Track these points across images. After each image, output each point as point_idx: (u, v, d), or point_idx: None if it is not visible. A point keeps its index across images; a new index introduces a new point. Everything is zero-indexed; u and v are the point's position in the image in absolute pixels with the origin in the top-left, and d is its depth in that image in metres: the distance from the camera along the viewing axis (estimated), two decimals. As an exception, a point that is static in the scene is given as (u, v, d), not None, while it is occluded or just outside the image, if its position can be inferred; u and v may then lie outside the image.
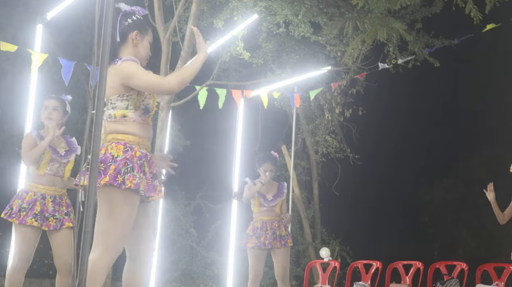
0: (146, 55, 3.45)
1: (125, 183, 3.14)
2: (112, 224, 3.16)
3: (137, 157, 3.22)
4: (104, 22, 2.88)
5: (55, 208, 4.67)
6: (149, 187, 3.23)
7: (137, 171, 3.18)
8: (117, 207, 3.17)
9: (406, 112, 16.64)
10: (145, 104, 3.30)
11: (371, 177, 16.36)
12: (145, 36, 3.44)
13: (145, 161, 3.25)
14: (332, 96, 12.59)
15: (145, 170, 3.23)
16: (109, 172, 3.15)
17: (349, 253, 14.16)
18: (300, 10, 10.44)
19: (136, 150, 3.23)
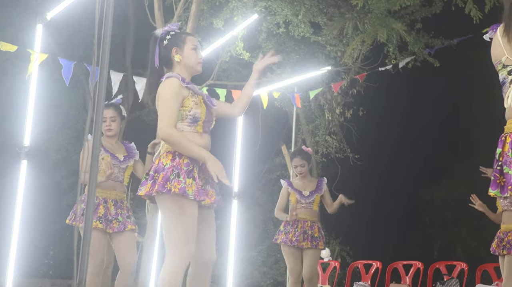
0: (194, 61, 3.53)
1: (171, 189, 3.26)
2: (174, 230, 3.29)
3: (185, 163, 3.32)
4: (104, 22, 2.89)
5: (117, 211, 4.79)
6: (199, 191, 3.32)
7: (183, 176, 3.29)
8: (172, 213, 3.31)
9: (406, 112, 16.65)
10: (192, 114, 3.41)
11: (371, 177, 16.36)
12: (184, 46, 3.51)
13: (196, 166, 3.35)
14: (332, 96, 12.59)
15: (195, 175, 3.33)
16: (158, 180, 3.31)
17: (349, 253, 14.17)
18: (300, 10, 10.44)
19: (184, 157, 3.34)
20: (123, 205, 4.86)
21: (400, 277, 8.45)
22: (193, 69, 3.55)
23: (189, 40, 3.55)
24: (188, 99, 3.42)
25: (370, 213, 16.55)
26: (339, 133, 13.90)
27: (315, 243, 5.84)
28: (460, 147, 16.66)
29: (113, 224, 4.75)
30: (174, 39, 3.53)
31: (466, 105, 16.19)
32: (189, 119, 3.41)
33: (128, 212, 4.86)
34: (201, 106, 3.45)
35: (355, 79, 10.34)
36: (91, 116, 2.91)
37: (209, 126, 3.54)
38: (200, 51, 3.60)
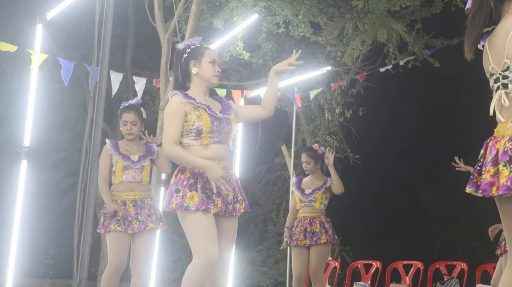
0: (211, 74, 3.61)
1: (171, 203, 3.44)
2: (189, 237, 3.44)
3: (186, 178, 3.46)
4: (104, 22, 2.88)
5: (136, 211, 4.82)
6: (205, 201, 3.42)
7: (183, 191, 3.43)
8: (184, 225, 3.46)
9: (406, 112, 16.64)
10: (195, 127, 3.50)
11: (371, 177, 16.36)
12: (201, 59, 3.60)
13: (200, 179, 3.45)
14: (332, 96, 12.59)
15: (197, 187, 3.44)
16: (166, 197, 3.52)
17: (349, 253, 14.16)
18: (300, 10, 10.44)
19: (186, 172, 3.47)
20: (144, 204, 4.87)
21: (400, 277, 8.45)
22: (210, 82, 3.64)
23: (207, 53, 3.64)
24: (190, 114, 3.50)
25: (370, 213, 16.56)
26: (339, 133, 13.89)
27: (315, 239, 5.77)
28: (460, 147, 16.65)
29: (133, 225, 4.78)
30: (193, 52, 3.62)
31: (466, 105, 16.19)
32: (194, 133, 3.50)
33: (149, 210, 4.88)
34: (203, 118, 3.51)
35: (355, 79, 10.34)
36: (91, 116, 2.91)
37: (222, 136, 3.59)
38: (217, 64, 3.66)
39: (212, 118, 3.54)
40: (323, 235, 5.81)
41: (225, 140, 3.60)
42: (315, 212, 5.97)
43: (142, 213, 4.82)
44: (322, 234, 5.82)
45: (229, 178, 3.53)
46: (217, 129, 3.55)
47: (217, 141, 3.55)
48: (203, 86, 3.62)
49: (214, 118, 3.55)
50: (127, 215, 4.77)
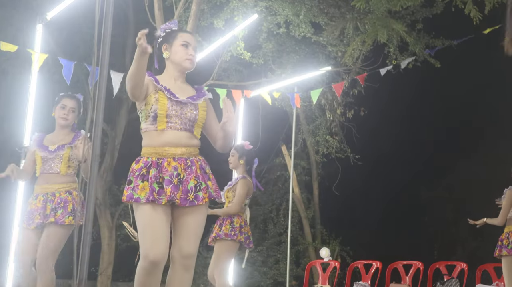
0: (181, 57, 3.40)
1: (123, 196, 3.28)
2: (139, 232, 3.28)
3: (138, 168, 3.28)
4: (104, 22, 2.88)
5: (43, 205, 4.51)
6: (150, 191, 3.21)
7: (134, 182, 3.25)
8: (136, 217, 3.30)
9: (407, 112, 16.64)
10: (153, 111, 3.30)
11: (372, 177, 16.36)
12: (173, 42, 3.41)
13: (152, 168, 3.25)
14: (333, 96, 12.59)
15: (149, 176, 3.24)
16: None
17: (349, 253, 14.17)
18: (301, 10, 10.44)
19: (140, 161, 3.30)
20: (54, 197, 4.52)
21: (400, 277, 8.45)
22: (181, 66, 3.41)
23: (180, 36, 3.43)
24: (150, 96, 3.31)
25: (370, 213, 16.56)
26: (339, 133, 13.90)
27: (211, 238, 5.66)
28: (460, 147, 16.66)
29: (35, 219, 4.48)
30: (166, 36, 3.44)
31: (466, 105, 16.19)
32: (151, 117, 3.30)
33: (59, 204, 4.50)
34: (159, 101, 3.29)
35: (356, 80, 10.34)
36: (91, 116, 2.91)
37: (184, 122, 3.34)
38: (192, 48, 3.43)
39: (172, 102, 3.30)
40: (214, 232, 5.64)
41: (189, 127, 3.35)
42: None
43: (51, 207, 4.48)
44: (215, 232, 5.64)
45: (190, 165, 3.30)
46: (176, 114, 3.31)
47: (176, 127, 3.31)
48: (175, 71, 3.42)
49: (174, 102, 3.31)
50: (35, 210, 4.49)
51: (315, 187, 14.93)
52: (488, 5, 8.12)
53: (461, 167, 16.01)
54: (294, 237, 13.88)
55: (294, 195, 13.08)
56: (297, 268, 14.26)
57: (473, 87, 15.68)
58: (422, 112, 17.05)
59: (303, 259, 14.45)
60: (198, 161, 3.37)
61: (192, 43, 3.43)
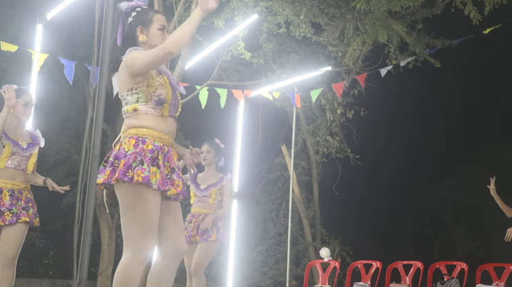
0: (160, 42, 3.15)
1: (133, 177, 3.02)
2: (132, 222, 3.06)
3: (149, 150, 3.09)
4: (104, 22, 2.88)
5: (12, 202, 4.53)
6: (164, 180, 3.09)
7: (147, 164, 3.05)
8: (133, 203, 3.07)
9: (407, 112, 16.65)
10: (157, 95, 3.15)
11: (372, 177, 16.36)
12: (150, 25, 3.22)
13: (161, 154, 3.12)
14: (333, 96, 12.59)
15: (159, 163, 3.10)
16: (119, 167, 3.06)
17: (349, 253, 14.16)
18: (301, 10, 10.43)
19: (148, 143, 3.10)
20: (21, 195, 4.59)
21: (400, 277, 8.45)
22: None
23: (156, 19, 3.25)
24: (152, 78, 3.16)
25: (370, 212, 16.56)
26: (339, 134, 13.90)
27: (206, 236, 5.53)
28: (460, 147, 16.66)
29: (5, 216, 4.47)
30: (140, 16, 3.23)
31: (466, 105, 16.20)
32: (154, 101, 3.15)
33: (26, 203, 4.60)
34: (166, 87, 3.20)
35: (356, 80, 10.34)
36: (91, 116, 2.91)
37: (175, 111, 3.28)
38: (167, 32, 3.28)
39: (174, 90, 3.26)
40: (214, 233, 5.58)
41: (175, 116, 3.29)
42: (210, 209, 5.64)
43: (18, 205, 4.54)
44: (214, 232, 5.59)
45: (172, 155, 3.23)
46: (174, 102, 3.25)
47: (173, 115, 3.26)
48: None
49: (174, 89, 3.26)
50: (1, 205, 4.49)
51: (315, 187, 14.92)
52: (488, 6, 8.12)
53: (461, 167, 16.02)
54: (294, 237, 13.87)
55: (294, 195, 13.07)
56: (297, 268, 14.25)
57: (473, 87, 15.69)
58: (422, 112, 17.06)
59: (303, 259, 14.44)
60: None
61: (166, 26, 3.32)
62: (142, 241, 3.05)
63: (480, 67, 15.28)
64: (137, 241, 3.05)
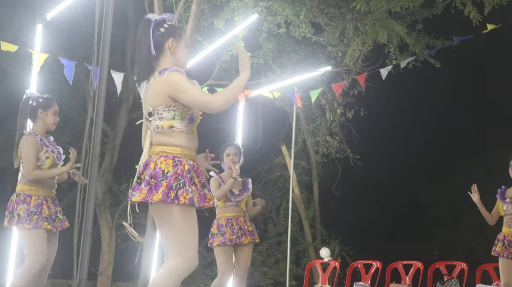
0: (185, 60, 3.39)
1: (178, 199, 3.12)
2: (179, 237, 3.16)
3: (186, 170, 3.19)
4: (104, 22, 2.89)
5: (56, 209, 4.76)
6: (201, 197, 3.22)
7: (188, 184, 3.16)
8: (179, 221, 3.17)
9: (407, 112, 16.63)
10: (190, 113, 3.24)
11: (371, 177, 16.35)
12: (180, 40, 3.35)
13: (194, 172, 3.23)
14: (333, 96, 12.60)
15: (195, 181, 3.22)
16: (161, 188, 3.13)
17: (349, 253, 14.17)
18: (301, 10, 10.44)
19: (184, 163, 3.19)
20: (57, 201, 4.86)
21: (400, 277, 8.45)
22: (183, 66, 3.36)
23: (185, 37, 3.45)
24: None
25: (370, 213, 16.55)
26: (339, 134, 13.90)
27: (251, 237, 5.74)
28: (460, 147, 16.66)
29: (56, 223, 4.72)
30: (172, 29, 3.36)
31: (466, 105, 16.19)
32: (187, 119, 3.24)
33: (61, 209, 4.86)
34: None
35: (356, 80, 10.35)
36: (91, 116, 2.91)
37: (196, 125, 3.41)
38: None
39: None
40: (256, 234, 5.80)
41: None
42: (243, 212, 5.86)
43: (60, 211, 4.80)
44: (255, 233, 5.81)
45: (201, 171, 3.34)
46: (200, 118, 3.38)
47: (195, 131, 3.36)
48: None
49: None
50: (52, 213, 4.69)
51: (315, 187, 14.93)
52: (488, 7, 8.12)
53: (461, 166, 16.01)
54: (294, 237, 13.88)
55: (294, 195, 13.08)
56: (297, 268, 14.25)
57: (473, 87, 15.69)
58: (422, 112, 17.04)
59: (303, 259, 14.45)
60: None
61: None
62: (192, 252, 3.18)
63: (480, 67, 15.29)
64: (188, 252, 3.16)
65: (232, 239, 5.62)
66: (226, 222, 5.69)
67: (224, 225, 5.67)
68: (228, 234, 5.61)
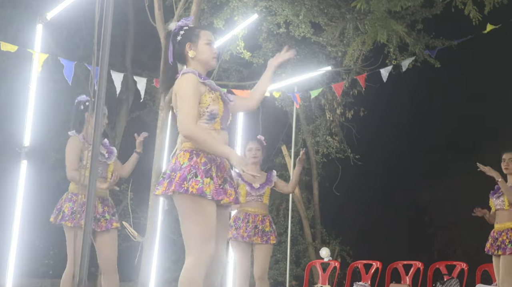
0: (209, 56, 3.48)
1: (188, 189, 3.22)
2: (191, 229, 3.25)
3: (202, 162, 3.28)
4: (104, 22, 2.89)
5: (104, 209, 4.77)
6: (218, 190, 3.28)
7: (201, 176, 3.25)
8: (191, 212, 3.26)
9: (406, 112, 16.64)
10: (209, 111, 3.36)
11: (372, 177, 16.35)
12: (198, 41, 3.46)
13: (214, 165, 3.32)
14: (333, 96, 12.59)
15: (213, 174, 3.28)
16: (175, 179, 3.26)
17: (349, 253, 14.16)
18: (301, 10, 10.44)
19: (202, 156, 3.30)
20: (108, 202, 4.85)
21: (400, 277, 8.45)
22: (208, 65, 3.51)
23: (203, 34, 3.50)
24: (205, 95, 3.37)
25: (370, 213, 16.56)
26: (339, 134, 13.90)
27: (266, 238, 5.54)
28: (460, 147, 16.66)
29: (101, 223, 4.72)
30: (187, 34, 3.47)
31: (466, 105, 16.19)
32: (207, 116, 3.36)
33: (113, 209, 4.86)
34: (219, 102, 3.41)
35: (355, 80, 10.35)
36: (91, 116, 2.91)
37: (226, 122, 3.49)
38: (214, 45, 3.53)
39: (225, 103, 3.46)
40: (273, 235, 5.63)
41: (227, 127, 3.52)
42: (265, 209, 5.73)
43: (108, 211, 4.79)
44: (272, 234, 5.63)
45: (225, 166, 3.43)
46: (225, 115, 3.47)
47: (224, 127, 3.47)
48: (202, 70, 3.49)
49: (225, 103, 3.47)
50: (96, 212, 4.71)
51: (315, 187, 14.92)
52: (488, 6, 8.13)
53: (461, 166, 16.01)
54: (294, 237, 13.87)
55: (294, 195, 13.07)
56: (297, 268, 14.24)
57: (473, 87, 15.69)
58: (422, 112, 17.05)
59: (303, 259, 14.44)
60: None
61: (213, 40, 3.54)
62: (202, 246, 3.22)
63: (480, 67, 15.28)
64: (198, 246, 3.22)
65: (244, 236, 5.52)
66: (244, 216, 5.60)
67: (241, 219, 5.58)
68: (242, 230, 5.52)
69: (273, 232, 5.63)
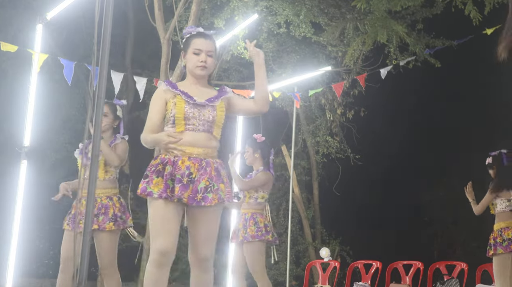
0: (192, 66, 3.51)
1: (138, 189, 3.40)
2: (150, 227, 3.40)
3: (155, 164, 3.40)
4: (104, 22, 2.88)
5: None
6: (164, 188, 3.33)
7: (150, 176, 3.37)
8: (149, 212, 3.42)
9: (407, 112, 16.64)
10: (172, 115, 3.44)
11: (372, 177, 16.35)
12: (188, 50, 3.53)
13: (168, 165, 3.37)
14: (333, 96, 12.60)
15: (164, 173, 3.35)
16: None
17: (349, 253, 14.16)
18: (301, 10, 10.44)
19: (158, 158, 3.43)
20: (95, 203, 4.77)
21: (400, 277, 8.45)
22: (193, 73, 3.53)
23: (193, 43, 3.52)
24: (169, 102, 3.46)
25: (371, 213, 16.55)
26: (339, 134, 13.90)
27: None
28: (460, 147, 16.65)
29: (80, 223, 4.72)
30: (184, 43, 3.58)
31: (466, 105, 16.19)
32: (171, 121, 3.45)
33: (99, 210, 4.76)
34: (177, 105, 3.42)
35: (356, 80, 10.35)
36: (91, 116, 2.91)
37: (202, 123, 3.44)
38: (204, 53, 3.50)
39: (189, 105, 3.42)
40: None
41: (207, 128, 3.45)
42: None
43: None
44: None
45: (204, 165, 3.39)
46: (194, 116, 3.42)
47: (195, 128, 3.42)
48: (192, 78, 3.55)
49: (192, 105, 3.43)
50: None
51: (315, 187, 14.92)
52: (488, 6, 8.13)
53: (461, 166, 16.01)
54: (294, 237, 13.87)
55: (294, 195, 13.07)
56: (297, 268, 14.24)
57: (473, 87, 15.68)
58: (422, 112, 17.04)
59: (303, 259, 14.44)
60: (215, 163, 3.46)
61: (204, 48, 3.50)
62: (153, 243, 3.34)
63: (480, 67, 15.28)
64: (154, 239, 3.34)
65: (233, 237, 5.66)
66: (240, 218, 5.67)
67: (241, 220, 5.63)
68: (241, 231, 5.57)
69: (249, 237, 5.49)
